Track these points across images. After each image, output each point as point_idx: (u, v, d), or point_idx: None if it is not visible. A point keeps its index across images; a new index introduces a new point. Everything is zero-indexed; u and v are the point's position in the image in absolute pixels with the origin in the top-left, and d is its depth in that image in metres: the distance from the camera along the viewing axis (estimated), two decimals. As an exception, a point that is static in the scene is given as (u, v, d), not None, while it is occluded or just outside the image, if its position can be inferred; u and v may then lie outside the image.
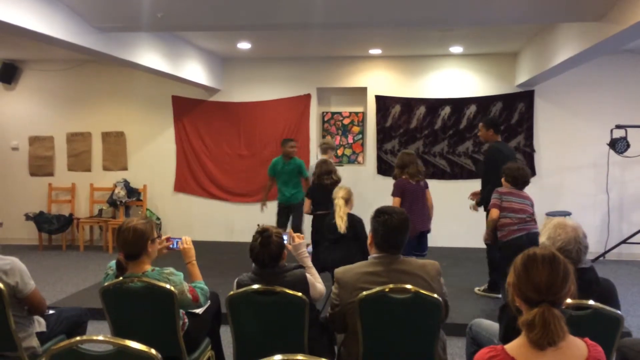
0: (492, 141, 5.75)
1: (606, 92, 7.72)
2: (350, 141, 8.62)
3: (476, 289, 5.78)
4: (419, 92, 8.23)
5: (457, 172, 8.18)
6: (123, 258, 2.88)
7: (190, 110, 8.63)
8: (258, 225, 2.87)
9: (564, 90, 7.81)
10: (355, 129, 8.61)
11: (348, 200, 4.68)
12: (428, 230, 5.59)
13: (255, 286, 2.73)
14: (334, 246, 4.53)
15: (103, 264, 7.59)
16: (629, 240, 7.38)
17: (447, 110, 8.17)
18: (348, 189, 4.79)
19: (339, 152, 8.65)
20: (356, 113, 8.61)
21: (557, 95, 7.87)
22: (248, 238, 8.87)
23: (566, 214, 7.19)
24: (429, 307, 2.63)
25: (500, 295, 5.39)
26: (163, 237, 3.18)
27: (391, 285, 2.64)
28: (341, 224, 4.45)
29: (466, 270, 6.70)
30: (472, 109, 8.11)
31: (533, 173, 7.96)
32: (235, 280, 2.86)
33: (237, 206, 8.63)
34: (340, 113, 8.64)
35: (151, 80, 8.44)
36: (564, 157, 7.85)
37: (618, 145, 7.06)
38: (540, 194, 7.44)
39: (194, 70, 7.51)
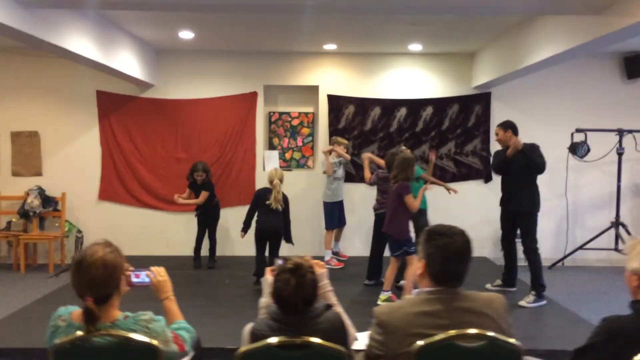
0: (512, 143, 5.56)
1: (564, 95, 7.61)
2: (300, 144, 7.96)
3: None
4: (373, 92, 7.73)
5: (413, 177, 7.76)
6: (93, 304, 2.06)
7: (118, 107, 7.60)
8: (278, 259, 2.15)
9: (521, 93, 7.61)
10: (305, 130, 7.96)
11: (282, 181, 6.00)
12: (391, 235, 5.40)
13: (275, 339, 2.00)
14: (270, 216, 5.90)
15: (12, 286, 6.45)
16: (584, 247, 7.27)
17: (403, 111, 7.72)
18: (281, 171, 6.14)
19: (287, 155, 7.97)
20: (306, 113, 7.96)
21: (514, 98, 7.65)
22: (185, 251, 7.91)
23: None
24: (506, 358, 2.04)
25: (515, 289, 5.85)
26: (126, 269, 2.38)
27: (454, 332, 2.02)
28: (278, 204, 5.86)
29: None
30: (429, 110, 7.72)
31: (489, 178, 7.74)
32: (249, 330, 2.13)
33: (173, 216, 7.70)
34: (288, 113, 7.95)
35: (71, 72, 7.38)
36: (521, 161, 7.62)
37: (579, 149, 6.92)
38: (498, 198, 7.17)
39: (127, 62, 6.55)
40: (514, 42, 6.23)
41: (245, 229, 6.11)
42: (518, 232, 5.86)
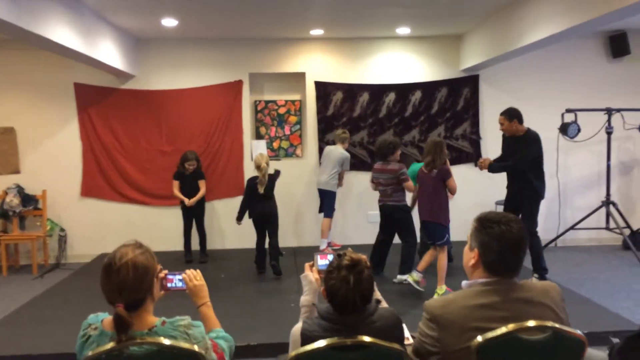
0: (520, 132, 5.57)
1: (552, 76, 7.61)
2: (287, 132, 7.78)
3: None
4: (361, 77, 7.59)
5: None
6: (124, 310, 1.89)
7: (98, 100, 7.29)
8: (315, 253, 2.00)
9: (509, 75, 7.59)
10: (292, 118, 7.78)
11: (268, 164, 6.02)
12: (435, 222, 5.25)
13: (324, 342, 1.86)
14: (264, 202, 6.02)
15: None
16: (574, 227, 7.32)
17: (391, 96, 7.61)
18: (266, 155, 6.13)
19: (275, 144, 7.79)
20: (293, 101, 7.78)
21: (502, 81, 7.63)
22: (173, 246, 7.72)
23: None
24: (570, 349, 1.95)
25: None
26: (160, 272, 2.21)
27: (515, 325, 1.92)
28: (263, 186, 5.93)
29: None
30: (417, 95, 7.63)
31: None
32: (299, 331, 1.99)
33: (159, 210, 7.46)
34: (275, 101, 7.76)
35: (46, 64, 7.07)
36: (511, 143, 7.60)
37: (569, 129, 6.92)
38: (488, 182, 7.19)
39: (107, 51, 6.25)
40: (505, 24, 6.15)
41: (240, 217, 6.20)
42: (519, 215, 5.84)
